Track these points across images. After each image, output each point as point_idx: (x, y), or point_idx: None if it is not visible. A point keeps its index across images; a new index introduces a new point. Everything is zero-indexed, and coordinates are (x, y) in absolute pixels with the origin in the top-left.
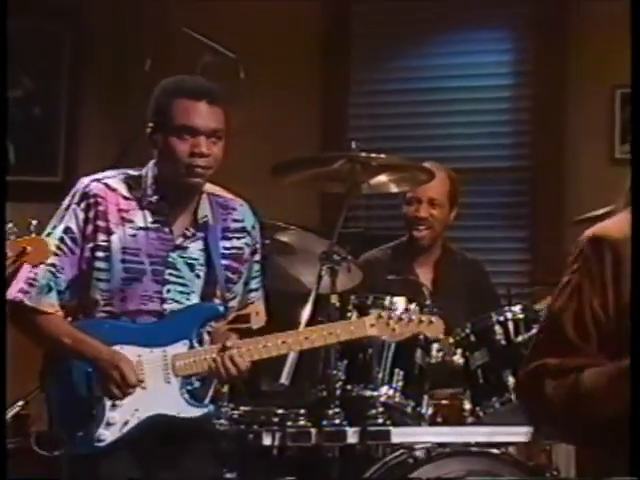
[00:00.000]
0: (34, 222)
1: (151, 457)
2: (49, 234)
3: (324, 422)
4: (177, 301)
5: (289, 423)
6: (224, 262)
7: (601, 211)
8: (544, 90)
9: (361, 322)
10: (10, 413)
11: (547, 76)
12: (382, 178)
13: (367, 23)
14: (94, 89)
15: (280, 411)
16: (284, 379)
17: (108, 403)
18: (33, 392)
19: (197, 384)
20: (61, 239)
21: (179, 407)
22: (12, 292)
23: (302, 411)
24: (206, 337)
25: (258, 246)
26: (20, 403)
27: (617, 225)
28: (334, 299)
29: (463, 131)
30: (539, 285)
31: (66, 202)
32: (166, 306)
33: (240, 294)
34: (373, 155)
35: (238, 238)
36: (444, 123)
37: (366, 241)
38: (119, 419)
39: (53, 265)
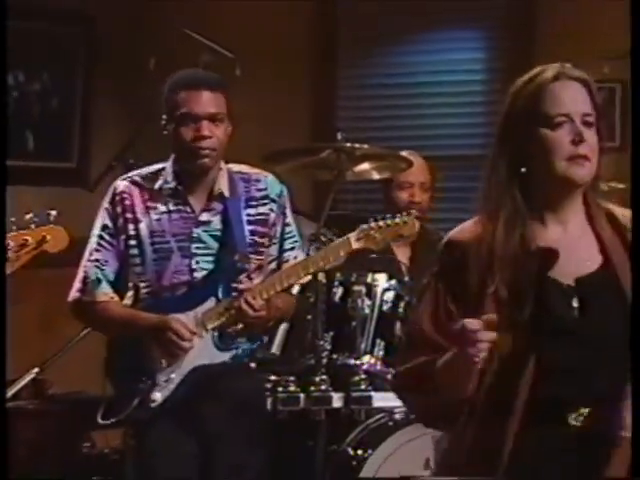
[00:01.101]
0: (53, 212)
1: (195, 411)
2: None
3: (312, 388)
4: (206, 269)
5: (280, 389)
6: (250, 228)
7: None
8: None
9: (346, 240)
10: (28, 377)
11: (517, 72)
12: (365, 166)
13: (354, 24)
14: (105, 84)
15: (272, 378)
16: (275, 349)
17: (158, 369)
18: (49, 359)
19: (225, 333)
20: (100, 236)
21: (212, 355)
22: (71, 294)
23: (292, 378)
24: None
25: (287, 211)
26: (35, 370)
27: (469, 228)
28: (321, 276)
29: (440, 122)
30: None
31: (103, 204)
32: (196, 275)
33: (276, 255)
34: (357, 145)
35: (263, 205)
36: (424, 114)
37: (352, 223)
38: (165, 379)
39: (97, 260)
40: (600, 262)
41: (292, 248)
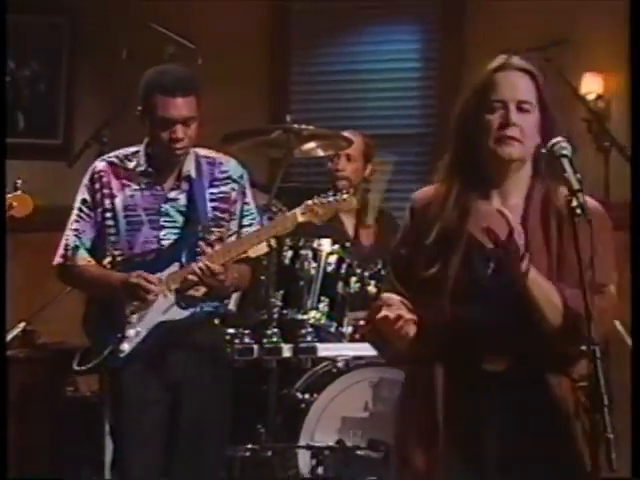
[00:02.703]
0: (19, 181)
1: (160, 361)
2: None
3: (264, 340)
4: (172, 240)
5: (236, 341)
6: (213, 204)
7: None
8: (445, 72)
9: (293, 214)
10: (18, 329)
11: (448, 61)
12: (311, 145)
13: (305, 18)
14: (87, 70)
15: (230, 331)
16: (232, 306)
17: (127, 324)
18: (36, 313)
19: (186, 294)
20: (80, 209)
21: (175, 313)
22: (55, 259)
23: (247, 331)
24: None
25: (247, 192)
26: (22, 324)
27: (424, 191)
28: (272, 242)
29: (382, 104)
30: None
31: (83, 181)
32: (164, 244)
33: (235, 230)
34: (303, 126)
35: (225, 184)
36: (365, 98)
37: (301, 194)
38: (133, 333)
39: (77, 230)
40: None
41: (250, 224)
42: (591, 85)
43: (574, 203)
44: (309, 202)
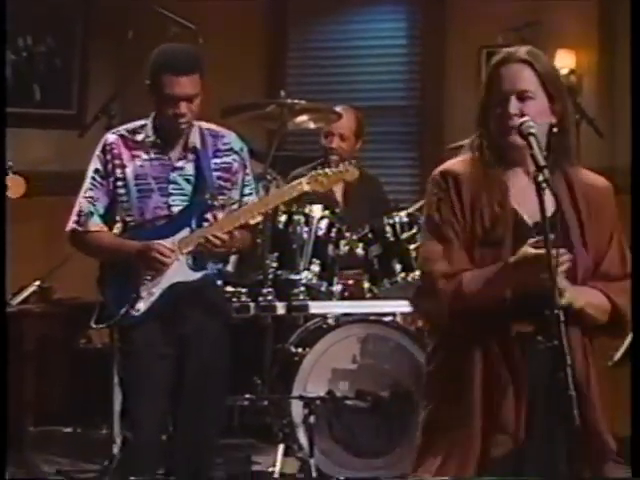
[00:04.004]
0: (10, 163)
1: (170, 319)
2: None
3: (260, 298)
4: (180, 206)
5: (234, 299)
6: (217, 174)
7: (461, 142)
8: (429, 49)
9: (299, 184)
10: (33, 287)
11: (431, 39)
12: (303, 118)
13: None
14: (98, 46)
15: (228, 290)
16: (230, 267)
17: (142, 284)
18: (51, 270)
19: (197, 256)
20: (93, 178)
21: (186, 274)
22: (68, 225)
23: (244, 290)
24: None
25: (247, 164)
26: (37, 282)
27: (458, 163)
28: None
29: (370, 78)
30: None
31: (95, 152)
32: (173, 210)
33: (237, 199)
34: (296, 101)
35: (227, 156)
36: (357, 72)
37: (294, 162)
38: (148, 293)
39: (91, 197)
40: (553, 210)
41: (250, 194)
42: (564, 61)
43: (540, 178)
44: (314, 172)
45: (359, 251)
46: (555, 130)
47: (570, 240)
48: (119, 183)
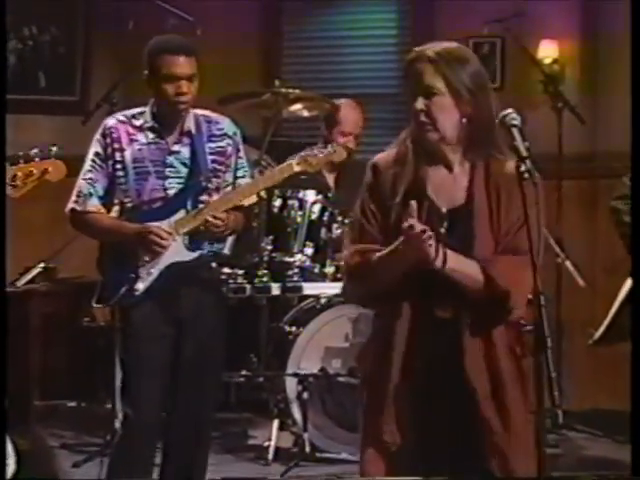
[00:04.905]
0: (54, 148)
1: (169, 299)
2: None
3: (256, 280)
4: (176, 188)
5: (231, 281)
6: (212, 157)
7: None
8: (419, 40)
9: (289, 165)
10: (38, 269)
11: (421, 29)
12: (297, 106)
13: None
14: (102, 36)
15: (225, 271)
16: (227, 249)
17: (141, 265)
18: (57, 252)
19: (194, 236)
20: (93, 160)
21: (183, 254)
22: (68, 206)
23: (240, 272)
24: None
25: (240, 147)
26: (42, 264)
27: (385, 156)
28: (262, 193)
29: (362, 66)
30: None
31: (95, 136)
32: (169, 192)
33: (231, 181)
34: (290, 90)
35: (221, 140)
36: (350, 61)
37: (290, 149)
38: (147, 274)
39: (90, 179)
40: (464, 200)
41: (243, 176)
42: (547, 50)
43: (522, 168)
44: (303, 153)
45: None
46: (464, 121)
47: (472, 226)
48: (118, 166)
